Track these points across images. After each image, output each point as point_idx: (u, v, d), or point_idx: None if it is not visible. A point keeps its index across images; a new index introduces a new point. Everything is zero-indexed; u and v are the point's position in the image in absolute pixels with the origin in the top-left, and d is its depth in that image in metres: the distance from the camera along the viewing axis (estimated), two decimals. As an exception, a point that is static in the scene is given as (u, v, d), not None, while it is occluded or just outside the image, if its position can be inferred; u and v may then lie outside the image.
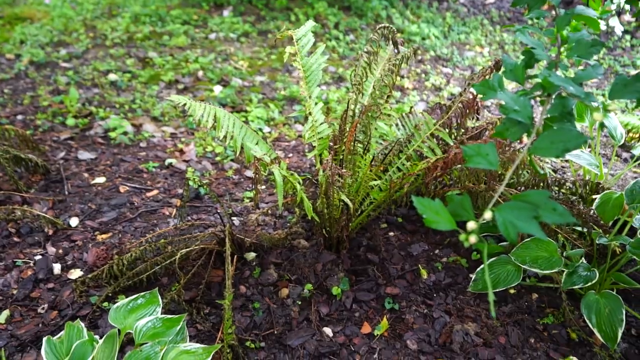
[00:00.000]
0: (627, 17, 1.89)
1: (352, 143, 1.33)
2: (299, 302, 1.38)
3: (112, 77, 2.29)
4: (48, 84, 2.25)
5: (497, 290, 1.32)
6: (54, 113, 2.08)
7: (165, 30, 2.50)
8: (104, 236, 1.51)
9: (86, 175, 1.83)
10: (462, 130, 1.32)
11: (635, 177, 1.62)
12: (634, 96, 0.69)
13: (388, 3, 2.45)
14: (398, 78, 1.39)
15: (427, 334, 1.28)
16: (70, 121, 2.02)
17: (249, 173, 1.95)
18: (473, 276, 1.33)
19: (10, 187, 1.64)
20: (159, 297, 1.29)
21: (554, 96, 0.78)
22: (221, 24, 2.61)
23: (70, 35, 2.46)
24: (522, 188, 1.36)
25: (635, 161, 1.51)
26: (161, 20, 2.55)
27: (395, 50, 1.35)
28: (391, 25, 1.38)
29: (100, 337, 1.15)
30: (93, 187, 1.78)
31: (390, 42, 1.34)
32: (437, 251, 1.56)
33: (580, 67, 1.82)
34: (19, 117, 2.04)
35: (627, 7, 1.92)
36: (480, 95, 1.25)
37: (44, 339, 1.09)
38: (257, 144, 1.27)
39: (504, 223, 0.56)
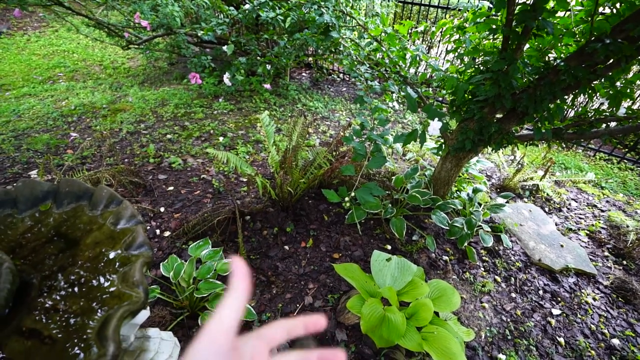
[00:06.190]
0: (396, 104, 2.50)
1: (290, 163, 2.20)
2: (272, 236, 2.12)
3: (168, 136, 3.26)
4: (137, 142, 3.13)
5: (358, 221, 2.21)
6: (143, 157, 2.92)
7: (191, 110, 3.71)
8: (177, 215, 2.25)
9: (164, 186, 2.57)
10: (337, 153, 2.36)
11: (408, 167, 2.73)
12: (401, 141, 1.71)
13: (298, 92, 4.18)
14: (308, 130, 2.49)
15: (329, 244, 2.13)
16: (152, 160, 2.87)
17: (243, 179, 2.72)
18: (347, 216, 2.28)
19: (129, 196, 2.40)
20: (209, 240, 1.90)
21: (373, 142, 1.88)
22: (219, 106, 3.93)
23: (145, 116, 3.55)
24: (366, 180, 2.49)
25: (408, 161, 2.76)
26: (189, 105, 3.79)
27: (304, 118, 2.48)
28: (303, 109, 2.52)
29: (185, 261, 1.76)
30: (168, 192, 2.50)
31: (302, 115, 2.51)
32: (330, 207, 2.45)
33: (382, 129, 3.00)
34: (126, 160, 2.89)
35: (399, 106, 2.88)
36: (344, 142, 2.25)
37: (161, 264, 1.73)
38: (247, 167, 2.31)
39: (360, 197, 1.69)
